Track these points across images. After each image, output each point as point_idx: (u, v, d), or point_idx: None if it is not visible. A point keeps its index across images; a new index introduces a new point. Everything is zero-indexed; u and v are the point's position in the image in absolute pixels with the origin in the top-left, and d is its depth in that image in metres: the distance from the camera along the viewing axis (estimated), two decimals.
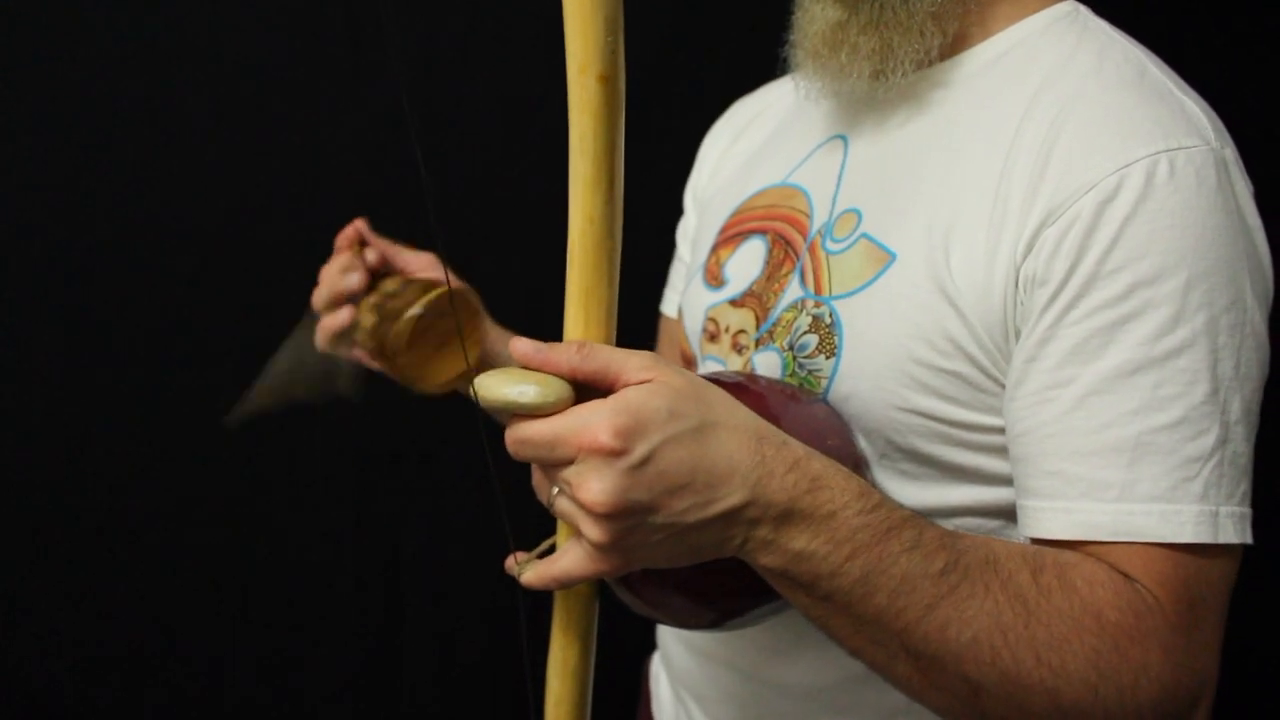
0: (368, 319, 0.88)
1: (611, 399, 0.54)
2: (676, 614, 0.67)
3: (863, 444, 0.72)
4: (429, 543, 1.52)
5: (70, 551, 1.41)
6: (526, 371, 0.55)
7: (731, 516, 0.55)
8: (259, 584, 1.49)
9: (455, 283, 0.90)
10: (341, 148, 1.42)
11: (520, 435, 0.55)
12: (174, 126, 1.37)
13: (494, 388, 0.55)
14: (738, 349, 0.81)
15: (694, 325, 0.87)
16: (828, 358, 0.72)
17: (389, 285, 0.89)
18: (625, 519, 0.53)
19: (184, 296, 1.39)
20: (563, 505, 0.56)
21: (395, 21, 1.37)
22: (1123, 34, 0.73)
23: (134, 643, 1.45)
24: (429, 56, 1.41)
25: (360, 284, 0.89)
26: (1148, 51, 0.71)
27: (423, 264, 0.93)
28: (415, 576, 1.53)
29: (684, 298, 0.91)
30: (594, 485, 0.52)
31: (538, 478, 0.59)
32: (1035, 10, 0.74)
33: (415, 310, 0.84)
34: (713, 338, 0.84)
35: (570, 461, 0.54)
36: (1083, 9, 0.75)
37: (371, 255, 0.91)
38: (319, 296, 0.91)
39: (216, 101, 1.37)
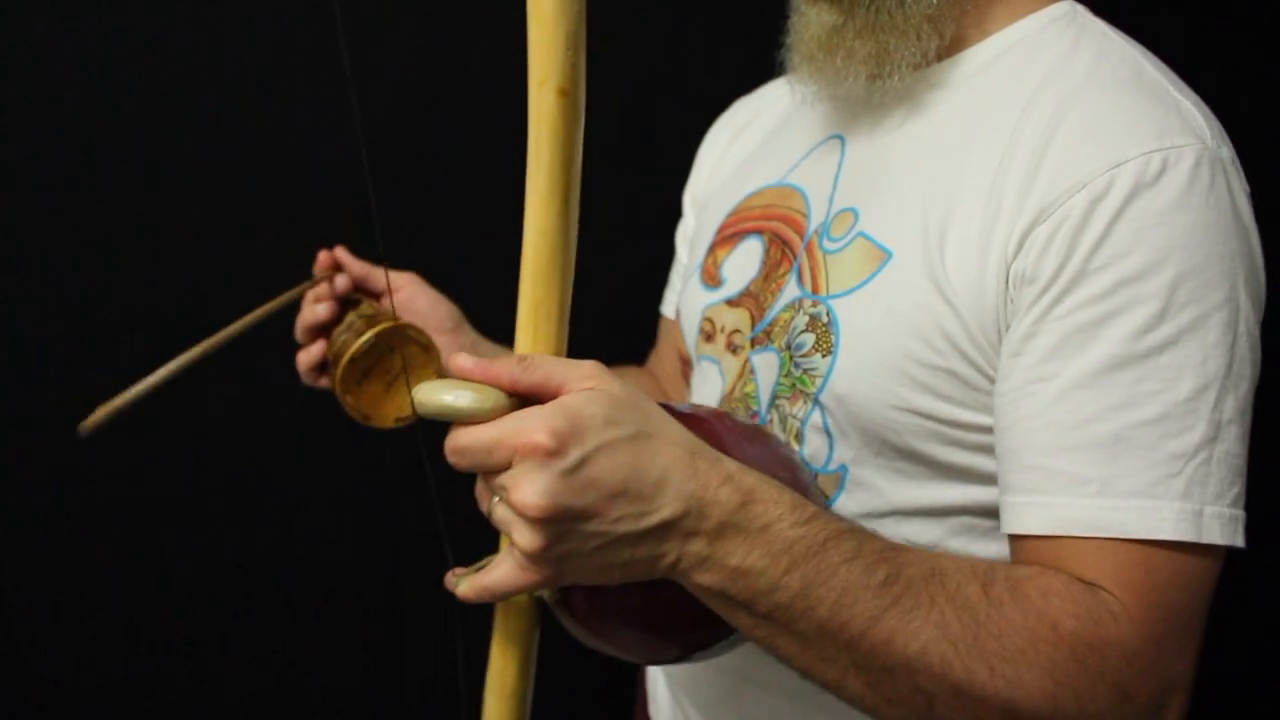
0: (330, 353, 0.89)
1: (550, 403, 0.54)
2: (630, 647, 0.65)
3: (857, 443, 0.72)
4: (428, 543, 1.51)
5: (69, 551, 1.41)
6: (466, 381, 0.56)
7: (666, 530, 0.55)
8: (259, 584, 1.48)
9: (398, 318, 0.89)
10: (306, 157, 1.41)
11: (459, 443, 0.55)
12: (163, 128, 1.37)
13: (431, 393, 0.55)
14: (732, 349, 0.81)
15: (690, 326, 0.87)
16: (824, 356, 0.72)
17: (348, 317, 0.89)
18: (557, 524, 0.53)
19: (183, 296, 1.39)
20: (499, 512, 0.56)
21: (348, 27, 1.36)
22: (1120, 34, 0.73)
23: (134, 642, 1.45)
24: (391, 65, 1.41)
25: (328, 314, 0.89)
26: (1145, 51, 0.71)
27: (400, 285, 0.93)
28: (416, 577, 1.53)
29: (681, 298, 0.91)
30: (526, 488, 0.52)
31: (479, 487, 0.59)
32: (1032, 10, 0.73)
33: (352, 350, 0.85)
34: (708, 338, 0.84)
35: (508, 466, 0.54)
36: (1080, 9, 0.74)
37: (341, 282, 0.90)
38: (298, 329, 0.91)
39: (197, 105, 1.37)
